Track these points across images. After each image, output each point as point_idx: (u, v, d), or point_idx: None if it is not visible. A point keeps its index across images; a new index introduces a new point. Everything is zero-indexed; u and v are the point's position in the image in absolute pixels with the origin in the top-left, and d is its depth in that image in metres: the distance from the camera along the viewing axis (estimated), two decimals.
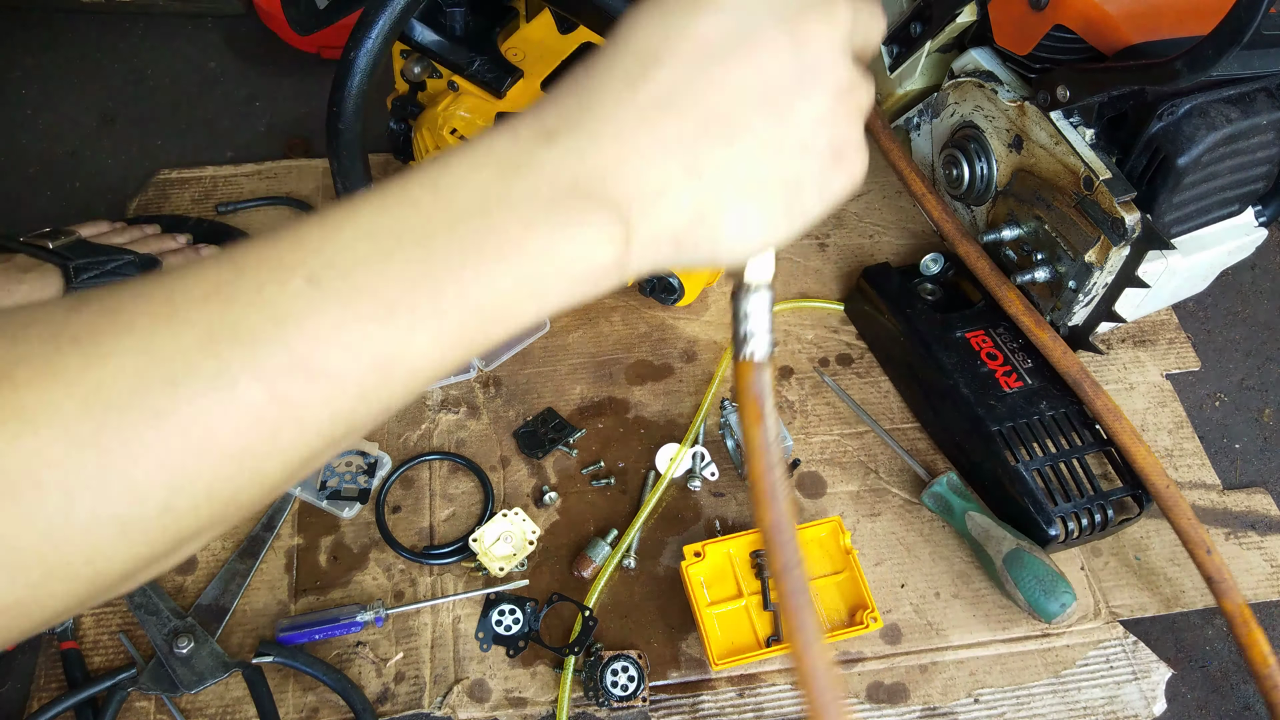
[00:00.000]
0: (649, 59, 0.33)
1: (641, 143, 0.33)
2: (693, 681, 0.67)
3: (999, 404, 0.74)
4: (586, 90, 0.33)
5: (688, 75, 0.33)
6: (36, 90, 0.97)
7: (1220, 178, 0.71)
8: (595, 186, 0.32)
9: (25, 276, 0.71)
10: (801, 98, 0.34)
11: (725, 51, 0.33)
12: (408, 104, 0.79)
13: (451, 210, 0.31)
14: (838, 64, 0.35)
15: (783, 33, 0.33)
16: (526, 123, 0.33)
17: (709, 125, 0.33)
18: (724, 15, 0.33)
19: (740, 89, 0.33)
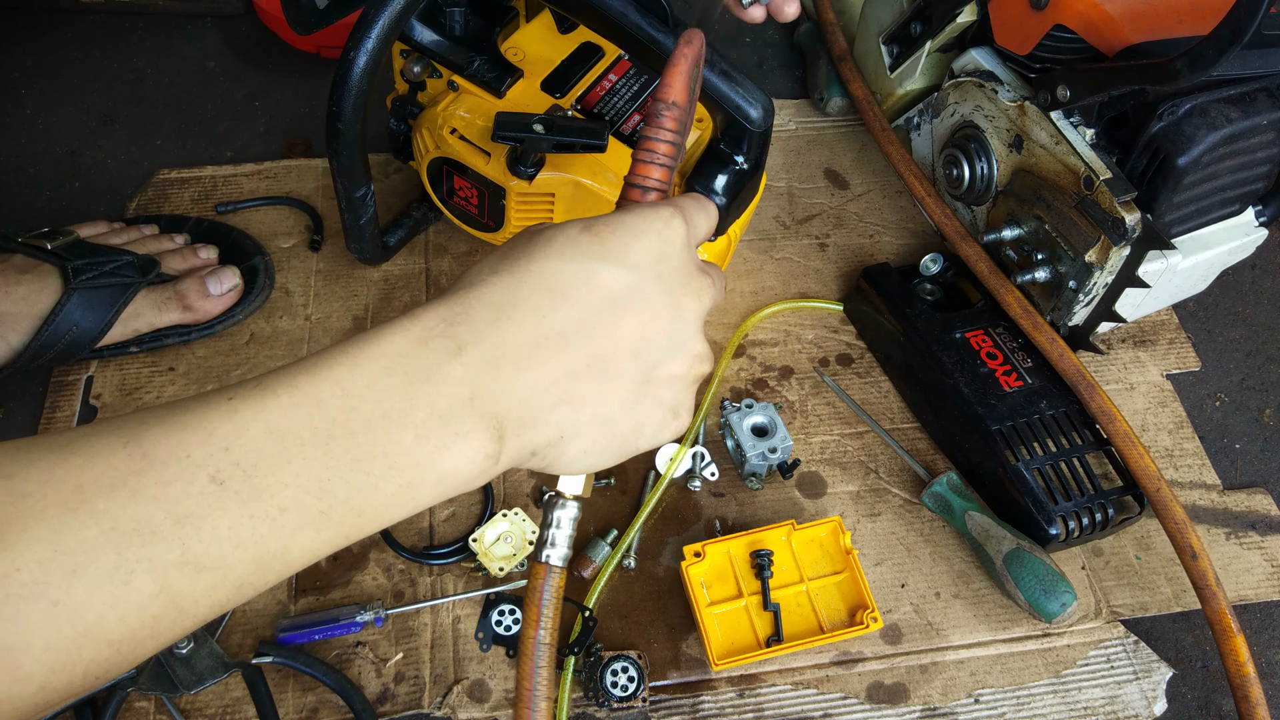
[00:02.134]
0: (559, 296, 0.38)
1: (535, 371, 0.37)
2: (693, 682, 0.67)
3: (999, 403, 0.74)
4: (499, 309, 0.37)
5: (586, 317, 0.38)
6: (36, 90, 0.96)
7: (1221, 178, 0.71)
8: (487, 404, 0.36)
9: (23, 278, 0.71)
10: (668, 358, 0.40)
11: (620, 305, 0.39)
12: (407, 104, 0.79)
13: (355, 416, 0.34)
14: (698, 337, 0.42)
15: (667, 300, 0.40)
16: (439, 330, 0.36)
17: (591, 364, 0.38)
18: (625, 273, 0.39)
19: (624, 339, 0.39)
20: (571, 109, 0.75)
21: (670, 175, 0.46)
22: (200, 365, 0.79)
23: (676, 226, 0.42)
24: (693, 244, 0.43)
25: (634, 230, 0.40)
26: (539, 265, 0.39)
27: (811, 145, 0.98)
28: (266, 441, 0.33)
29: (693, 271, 0.42)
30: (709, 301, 0.43)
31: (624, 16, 0.65)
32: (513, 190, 0.74)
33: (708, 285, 0.42)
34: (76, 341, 0.73)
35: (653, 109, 0.45)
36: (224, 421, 0.32)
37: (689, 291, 0.41)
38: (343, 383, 0.34)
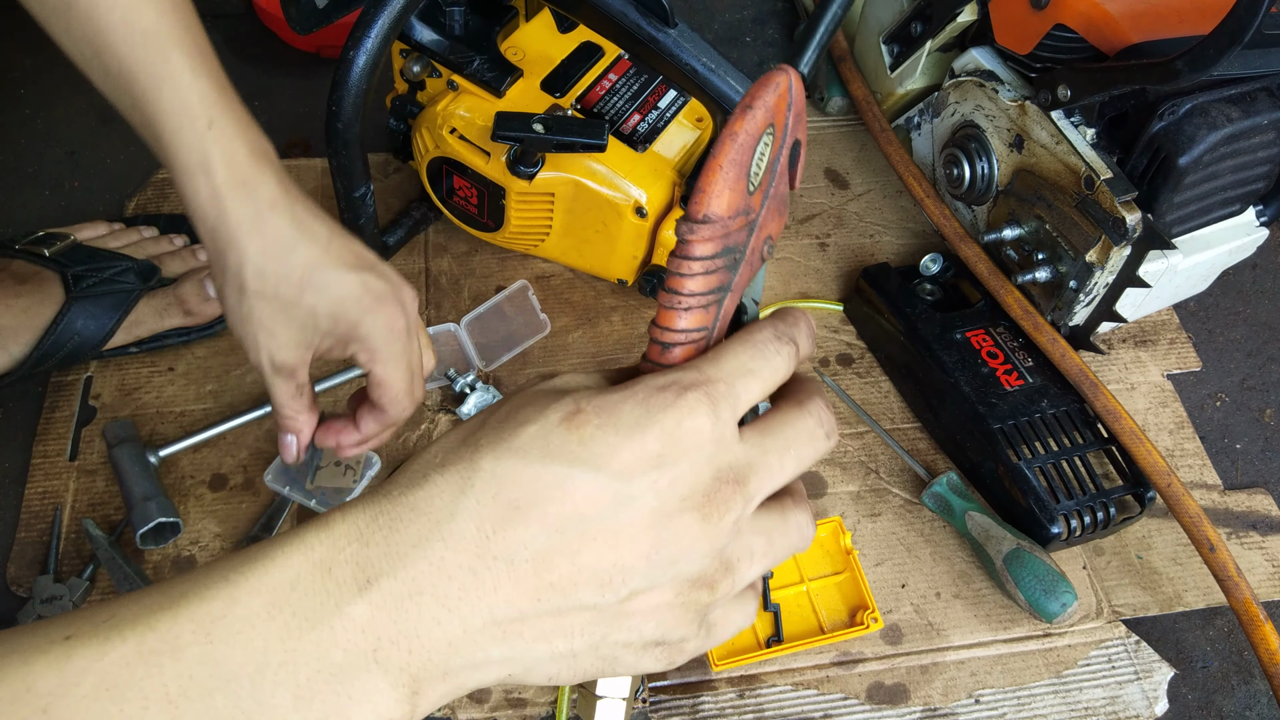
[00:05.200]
0: (511, 510, 0.29)
1: (467, 607, 0.29)
2: (693, 682, 0.67)
3: (1000, 402, 0.74)
4: (433, 523, 0.29)
5: (544, 540, 0.29)
6: (35, 90, 0.96)
7: (1221, 177, 0.70)
8: (397, 655, 0.28)
9: (22, 289, 0.71)
10: (649, 588, 0.31)
11: (591, 524, 0.29)
12: (407, 103, 0.79)
13: (217, 670, 0.27)
14: (699, 561, 0.31)
15: (658, 522, 0.30)
16: (349, 554, 0.29)
17: (541, 598, 0.29)
18: (607, 482, 0.29)
19: (589, 568, 0.30)
20: (571, 108, 0.75)
21: (710, 319, 0.34)
22: (200, 365, 0.78)
23: (696, 424, 0.30)
24: (729, 424, 0.31)
25: (630, 425, 0.30)
26: (495, 463, 0.30)
27: (811, 145, 0.98)
28: (99, 700, 0.26)
29: (706, 477, 0.31)
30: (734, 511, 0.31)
31: (624, 16, 0.65)
32: (512, 190, 0.74)
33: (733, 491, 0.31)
34: (78, 350, 0.73)
35: (677, 229, 0.33)
36: (50, 671, 0.26)
37: (693, 507, 0.30)
38: (208, 625, 0.27)
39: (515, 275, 0.85)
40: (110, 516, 0.71)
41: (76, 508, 0.71)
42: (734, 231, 0.33)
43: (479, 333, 0.81)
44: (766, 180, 0.34)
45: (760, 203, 0.34)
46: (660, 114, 0.77)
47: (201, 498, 0.72)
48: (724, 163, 0.32)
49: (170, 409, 0.76)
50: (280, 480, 0.72)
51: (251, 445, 0.75)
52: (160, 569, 0.69)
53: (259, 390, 0.77)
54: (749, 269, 0.36)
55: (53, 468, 0.73)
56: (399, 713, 0.28)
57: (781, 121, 0.34)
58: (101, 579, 0.68)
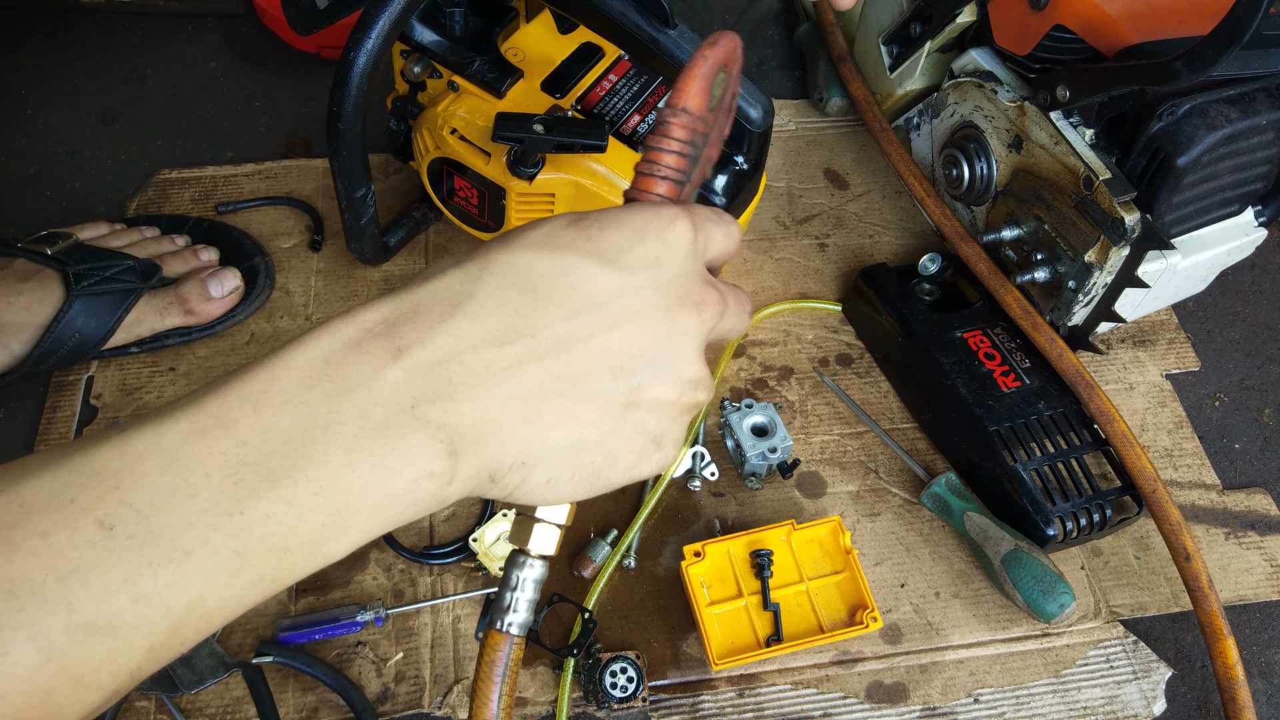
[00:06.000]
0: (528, 291, 0.32)
1: (494, 379, 0.31)
2: (693, 681, 0.67)
3: (997, 404, 0.74)
4: (454, 303, 0.31)
5: (560, 322, 0.32)
6: (36, 90, 0.96)
7: (1220, 178, 0.71)
8: (433, 412, 0.30)
9: (24, 286, 0.71)
10: (655, 379, 0.34)
11: (603, 311, 0.33)
12: (408, 104, 0.79)
13: (269, 437, 0.29)
14: (694, 359, 0.35)
15: (660, 312, 0.34)
16: (378, 331, 0.31)
17: (561, 378, 0.32)
18: (614, 275, 0.33)
19: (602, 353, 0.32)
20: (571, 109, 0.75)
21: (677, 191, 0.40)
22: (201, 365, 0.79)
23: (681, 230, 0.35)
24: (701, 255, 0.37)
25: (631, 228, 0.34)
26: (509, 254, 0.33)
27: (811, 145, 0.98)
28: (164, 475, 0.28)
29: (697, 283, 0.35)
30: (712, 321, 0.36)
31: (624, 16, 0.65)
32: (513, 190, 0.74)
33: (714, 302, 0.36)
34: (79, 348, 0.73)
35: (659, 115, 0.39)
36: (114, 457, 0.28)
37: (689, 305, 0.34)
38: (254, 399, 0.29)
39: None
40: None
41: None
42: (697, 131, 0.39)
43: None
44: (720, 106, 0.40)
45: (714, 122, 0.40)
46: None
47: None
48: (699, 73, 0.38)
49: None
50: None
51: None
52: None
53: None
54: (699, 174, 0.41)
55: None
56: (440, 468, 0.30)
57: (731, 68, 0.41)
58: None
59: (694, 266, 0.36)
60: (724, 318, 0.36)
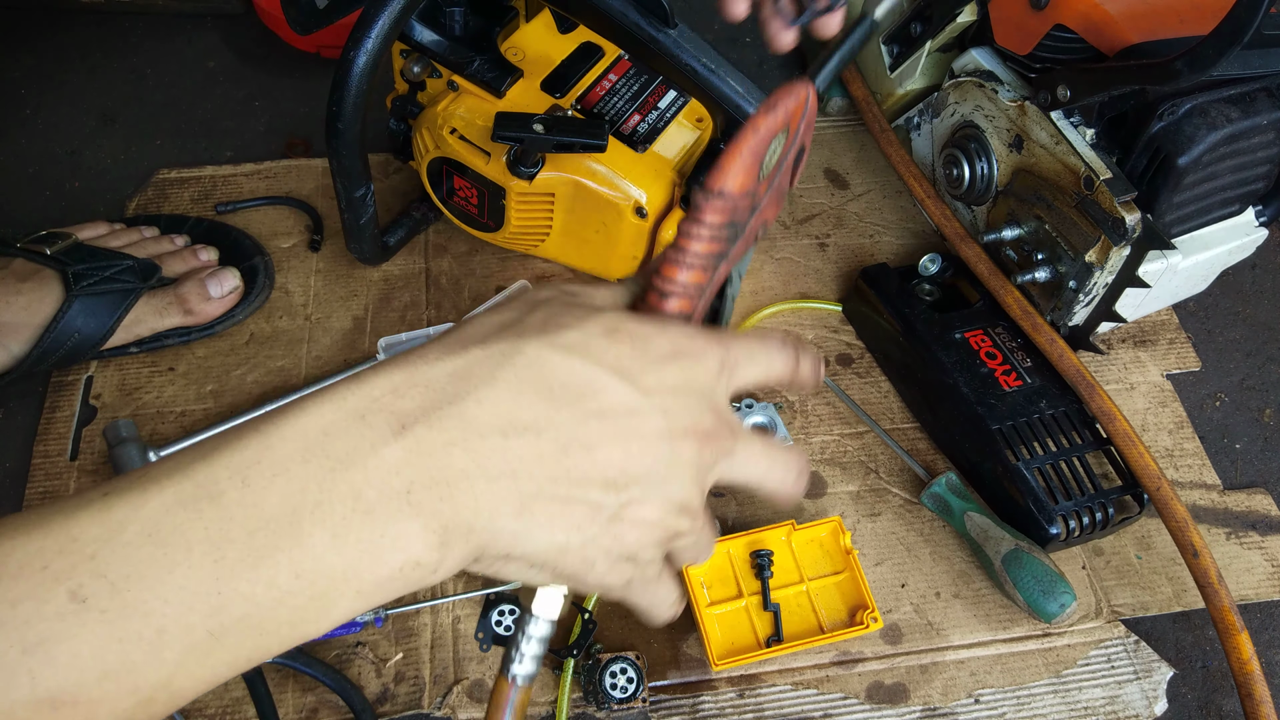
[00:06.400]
0: (545, 390, 0.32)
1: (495, 468, 0.31)
2: (693, 682, 0.67)
3: (999, 403, 0.74)
4: (470, 381, 0.31)
5: (569, 426, 0.32)
6: (36, 90, 0.96)
7: (1221, 177, 0.71)
8: (429, 500, 0.30)
9: (23, 286, 0.71)
10: (642, 499, 0.34)
11: (611, 424, 0.33)
12: (407, 104, 0.79)
13: (255, 513, 0.28)
14: (686, 487, 0.35)
15: (664, 439, 0.34)
16: (384, 403, 0.30)
17: (558, 480, 0.32)
18: (631, 393, 0.33)
19: (602, 464, 0.33)
20: (571, 109, 0.75)
21: (707, 278, 0.38)
22: (200, 365, 0.79)
23: (708, 366, 0.36)
24: (724, 389, 0.37)
25: (660, 353, 0.34)
26: (538, 351, 0.33)
27: (812, 145, 0.98)
28: (143, 547, 0.27)
29: (707, 417, 0.35)
30: (714, 457, 0.36)
31: (624, 16, 0.65)
32: (513, 190, 0.74)
33: (722, 438, 0.36)
34: (78, 348, 0.73)
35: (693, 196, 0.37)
36: (93, 523, 0.27)
37: (692, 437, 0.34)
38: (244, 471, 0.28)
39: (515, 275, 0.85)
40: None
41: None
42: (740, 209, 0.38)
43: None
44: (774, 173, 0.40)
45: (765, 190, 0.40)
46: (660, 114, 0.77)
47: None
48: (744, 150, 0.37)
49: (171, 409, 0.76)
50: None
51: None
52: None
53: (259, 390, 0.78)
54: (744, 244, 0.41)
55: (53, 468, 0.73)
56: (428, 558, 0.30)
57: (795, 126, 0.39)
58: None
59: (710, 401, 0.36)
60: (731, 456, 0.36)
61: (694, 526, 0.36)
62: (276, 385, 0.78)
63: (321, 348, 0.80)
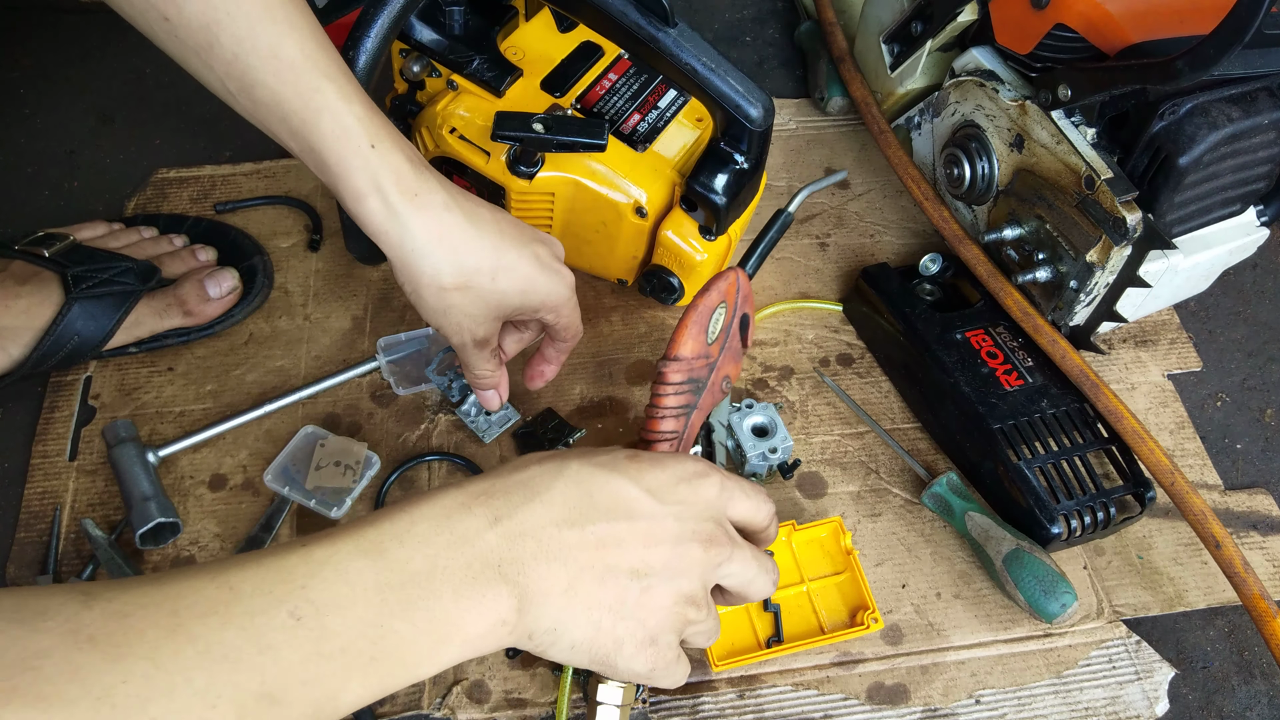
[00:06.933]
0: (586, 495, 0.43)
1: (552, 556, 0.41)
2: (693, 683, 0.66)
3: (1000, 402, 0.74)
4: (534, 492, 0.42)
5: (605, 523, 0.43)
6: (34, 89, 0.96)
7: (1222, 177, 0.70)
8: (512, 572, 0.40)
9: (22, 289, 0.71)
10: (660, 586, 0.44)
11: (637, 524, 0.43)
12: (407, 103, 0.79)
13: (408, 567, 0.38)
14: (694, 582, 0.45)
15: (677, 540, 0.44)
16: (480, 501, 0.41)
17: (595, 565, 0.42)
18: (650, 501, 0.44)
19: (630, 554, 0.43)
20: (571, 108, 0.75)
21: (683, 424, 0.49)
22: (199, 365, 0.78)
23: (709, 485, 0.46)
24: (723, 509, 0.47)
25: (672, 473, 0.46)
26: (580, 466, 0.44)
27: (812, 145, 0.98)
28: (337, 584, 0.36)
29: (711, 527, 0.46)
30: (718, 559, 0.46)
31: (624, 15, 0.65)
32: (512, 189, 0.73)
33: (722, 544, 0.46)
34: (78, 351, 0.73)
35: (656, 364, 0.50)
36: (300, 563, 0.36)
37: (699, 541, 0.45)
38: (402, 535, 0.39)
39: None
40: (110, 517, 0.71)
41: (76, 508, 0.71)
42: (696, 368, 0.51)
43: None
44: (722, 337, 0.52)
45: (718, 351, 0.52)
46: (660, 114, 0.77)
47: (201, 498, 0.72)
48: (689, 323, 0.50)
49: (170, 409, 0.76)
50: (280, 480, 0.72)
51: (251, 445, 0.75)
52: (160, 569, 0.69)
53: (258, 390, 0.77)
54: (710, 396, 0.52)
55: (52, 468, 0.73)
56: (510, 618, 0.40)
57: (732, 301, 0.52)
58: (101, 579, 0.68)
59: (713, 514, 0.46)
60: (731, 562, 0.46)
61: (700, 615, 0.45)
62: (276, 385, 0.78)
63: (321, 348, 0.80)
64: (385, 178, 0.53)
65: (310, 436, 0.74)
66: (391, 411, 0.77)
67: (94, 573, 0.68)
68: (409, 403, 0.78)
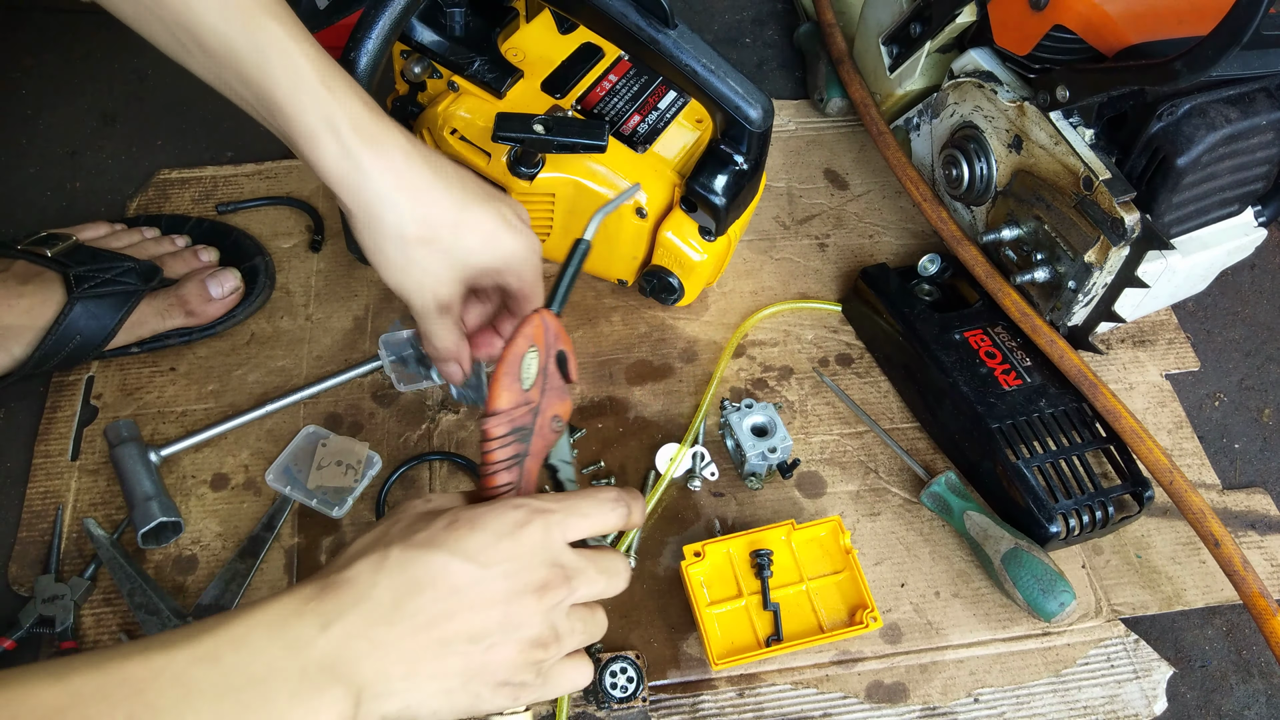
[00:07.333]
0: (413, 585, 0.44)
1: (387, 648, 0.43)
2: (693, 681, 0.67)
3: (998, 402, 0.74)
4: (363, 590, 0.43)
5: (434, 606, 0.44)
6: (36, 90, 0.97)
7: (1220, 178, 0.71)
8: (346, 671, 0.42)
9: (25, 289, 0.71)
10: (500, 644, 0.45)
11: (463, 596, 0.44)
12: (408, 104, 0.79)
13: (244, 673, 0.40)
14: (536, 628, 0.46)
15: (506, 598, 0.45)
16: (311, 607, 0.43)
17: (432, 645, 0.44)
18: (473, 568, 0.45)
19: (463, 625, 0.44)
20: (572, 109, 0.75)
21: (517, 476, 0.51)
22: (201, 365, 0.79)
23: (531, 532, 0.46)
24: (558, 543, 0.48)
25: (492, 531, 0.46)
26: (400, 552, 0.45)
27: (811, 146, 0.98)
28: (174, 688, 0.38)
29: (542, 570, 0.46)
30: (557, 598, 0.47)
31: (624, 16, 0.65)
32: (513, 190, 0.74)
33: (558, 584, 0.47)
34: (80, 350, 0.73)
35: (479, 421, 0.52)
36: (140, 669, 0.38)
37: (532, 590, 0.46)
38: (238, 642, 0.40)
39: None
40: (112, 516, 0.71)
41: (78, 507, 0.71)
42: (518, 416, 0.51)
43: None
44: (540, 380, 0.52)
45: (538, 395, 0.52)
46: (660, 115, 0.77)
47: (203, 497, 0.72)
48: (500, 376, 0.50)
49: (172, 409, 0.76)
50: (282, 480, 0.72)
51: (253, 445, 0.75)
52: (162, 568, 0.69)
53: (260, 390, 0.78)
54: (541, 439, 0.53)
55: (54, 467, 0.73)
56: (350, 712, 0.42)
57: (542, 343, 0.52)
58: (103, 579, 0.68)
59: (545, 557, 0.47)
60: (574, 591, 0.47)
61: (551, 653, 0.47)
62: (277, 385, 0.78)
63: (322, 347, 0.80)
64: (340, 119, 0.52)
65: (312, 436, 0.74)
66: (393, 411, 0.77)
67: (96, 572, 0.68)
68: (410, 402, 0.78)
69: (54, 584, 0.67)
